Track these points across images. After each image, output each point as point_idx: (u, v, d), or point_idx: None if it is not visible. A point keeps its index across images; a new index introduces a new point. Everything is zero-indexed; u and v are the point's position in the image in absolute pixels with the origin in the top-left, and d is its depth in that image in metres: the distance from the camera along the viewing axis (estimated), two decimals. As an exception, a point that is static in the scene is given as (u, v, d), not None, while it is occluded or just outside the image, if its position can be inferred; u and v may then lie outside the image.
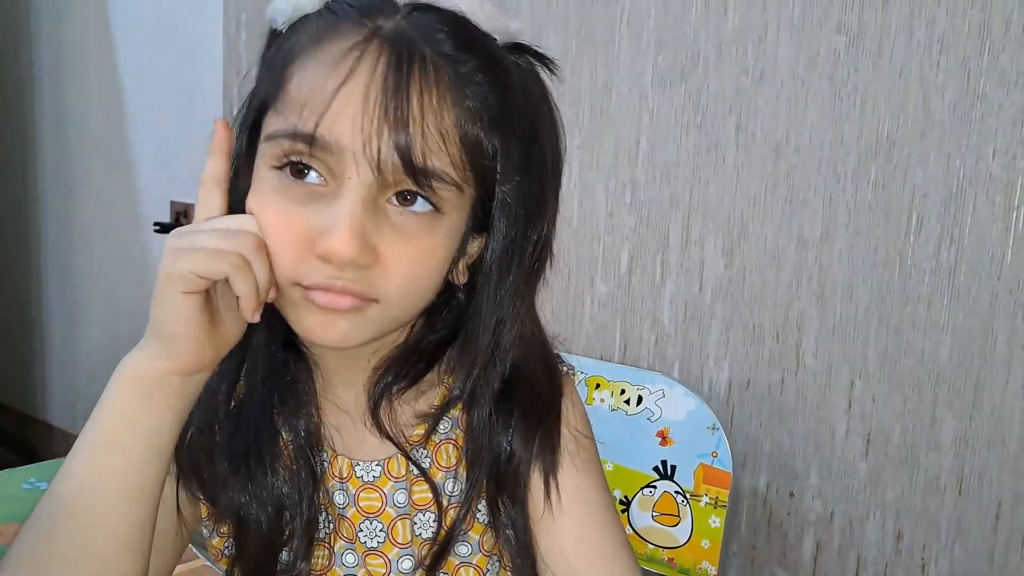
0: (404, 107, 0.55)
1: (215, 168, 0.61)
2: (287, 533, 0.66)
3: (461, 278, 0.66)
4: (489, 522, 0.70)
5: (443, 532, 0.69)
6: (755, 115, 1.24)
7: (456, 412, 0.71)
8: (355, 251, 0.56)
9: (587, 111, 1.42)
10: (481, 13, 0.60)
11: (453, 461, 0.70)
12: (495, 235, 0.63)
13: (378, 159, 0.56)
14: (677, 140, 1.32)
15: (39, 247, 2.80)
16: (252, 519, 0.65)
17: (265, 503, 0.65)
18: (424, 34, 0.58)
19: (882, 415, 1.18)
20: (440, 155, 0.57)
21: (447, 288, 0.67)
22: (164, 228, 2.16)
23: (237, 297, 0.58)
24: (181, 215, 2.29)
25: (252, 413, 0.66)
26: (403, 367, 0.68)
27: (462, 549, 0.70)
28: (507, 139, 0.61)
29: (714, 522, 1.20)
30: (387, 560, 0.69)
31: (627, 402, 1.28)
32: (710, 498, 1.20)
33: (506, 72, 0.61)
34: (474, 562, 0.70)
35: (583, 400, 1.26)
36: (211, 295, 0.58)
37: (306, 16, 0.60)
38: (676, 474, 1.23)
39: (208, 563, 0.76)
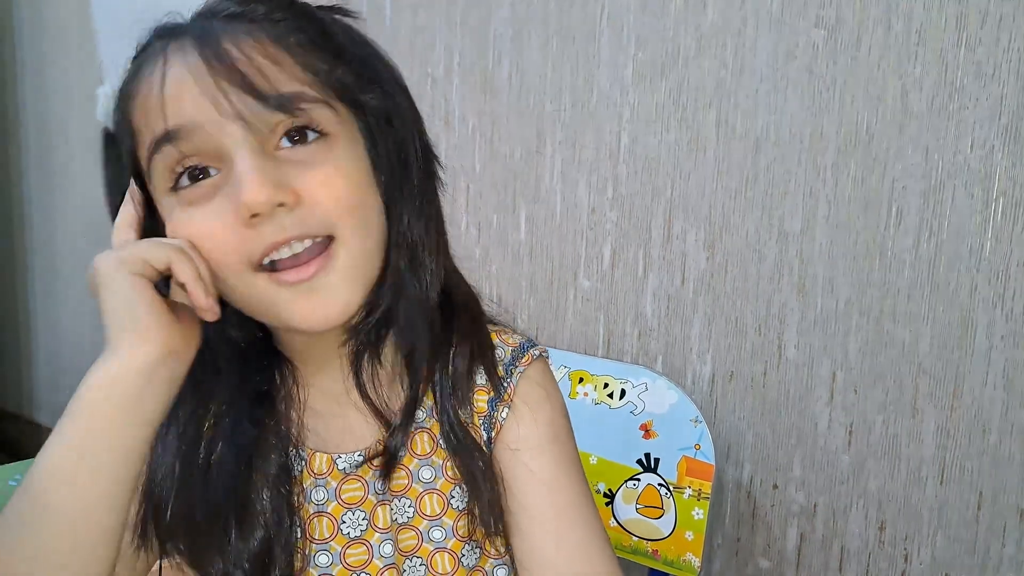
0: (226, 57, 0.58)
1: (123, 213, 0.64)
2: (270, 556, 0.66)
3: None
4: (463, 509, 0.71)
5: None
6: (735, 109, 1.24)
7: (430, 401, 0.72)
8: (269, 191, 0.57)
9: (568, 107, 1.42)
10: None
11: (428, 449, 0.72)
12: (380, 147, 0.65)
13: (235, 109, 0.57)
14: (658, 135, 1.33)
15: (23, 244, 2.78)
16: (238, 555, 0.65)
17: (244, 552, 0.65)
18: (211, 9, 0.62)
19: (864, 407, 1.19)
20: (288, 80, 0.60)
21: None
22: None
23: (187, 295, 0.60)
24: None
25: (227, 451, 0.66)
26: (373, 323, 0.68)
27: (436, 534, 0.71)
28: (342, 57, 0.64)
29: (698, 514, 1.20)
30: (369, 546, 0.70)
31: (610, 396, 1.28)
32: (693, 490, 1.21)
33: (297, 4, 0.64)
34: (448, 547, 0.71)
35: (566, 393, 1.26)
36: (161, 294, 0.60)
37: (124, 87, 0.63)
38: (659, 467, 1.23)
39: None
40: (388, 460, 0.69)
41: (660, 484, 1.23)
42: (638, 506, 1.24)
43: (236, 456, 0.65)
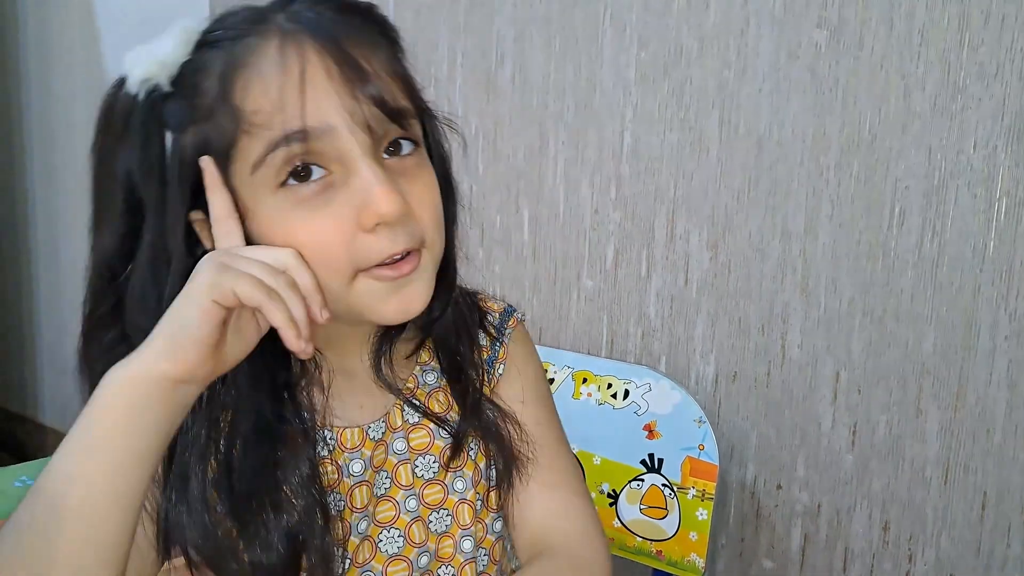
0: (359, 68, 0.61)
1: (223, 202, 0.62)
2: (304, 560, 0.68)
3: None
4: (476, 458, 0.78)
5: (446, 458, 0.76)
6: (738, 109, 1.24)
7: (436, 364, 0.79)
8: (400, 203, 0.60)
9: (571, 107, 1.42)
10: None
11: (444, 407, 0.77)
12: (436, 163, 0.70)
13: (367, 120, 0.60)
14: (661, 135, 1.33)
15: (27, 244, 2.79)
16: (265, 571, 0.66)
17: (273, 550, 0.65)
18: (313, 11, 0.63)
19: (867, 407, 1.19)
20: (399, 95, 0.64)
21: None
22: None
23: (267, 329, 0.61)
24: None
25: (250, 455, 0.66)
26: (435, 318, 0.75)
27: (458, 484, 0.77)
28: (408, 71, 0.68)
29: (701, 515, 1.20)
30: (395, 503, 0.74)
31: (614, 396, 1.28)
32: (697, 491, 1.21)
33: (381, 18, 0.68)
34: (468, 498, 0.77)
35: (570, 394, 1.27)
36: (226, 320, 0.59)
37: (193, 61, 0.62)
38: (663, 467, 1.23)
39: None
40: (455, 448, 0.76)
41: (664, 484, 1.23)
42: (642, 506, 1.24)
43: (259, 457, 0.66)
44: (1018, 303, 1.06)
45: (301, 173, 0.60)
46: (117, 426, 0.56)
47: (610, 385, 1.29)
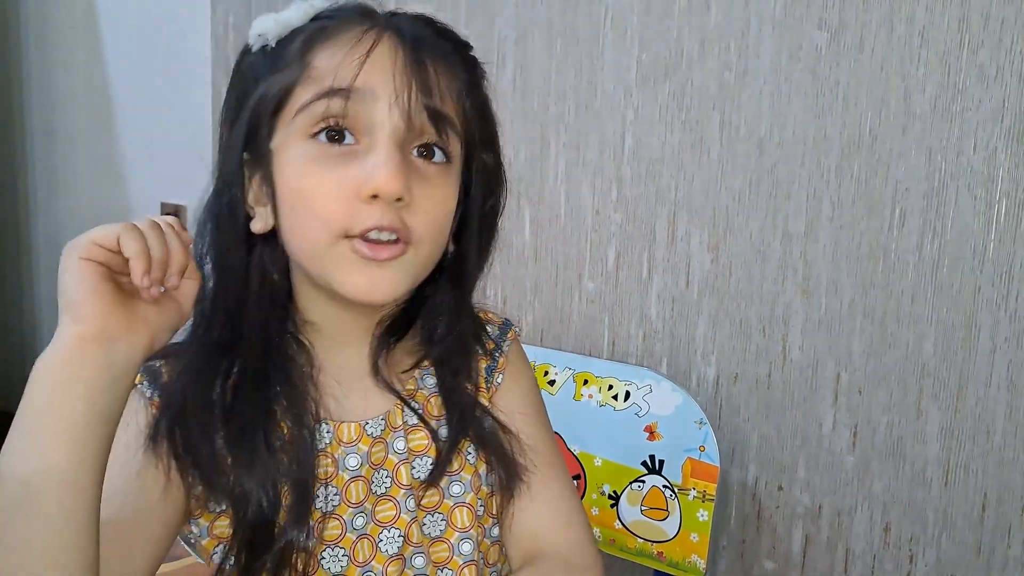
0: (424, 69, 0.67)
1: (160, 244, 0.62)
2: (284, 509, 0.69)
3: (450, 245, 0.76)
4: (476, 463, 0.79)
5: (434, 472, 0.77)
6: (739, 111, 1.25)
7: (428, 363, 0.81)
8: (400, 185, 0.65)
9: (572, 109, 1.43)
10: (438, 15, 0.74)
11: (444, 411, 0.79)
12: (475, 198, 0.75)
13: (408, 107, 0.66)
14: (662, 137, 1.33)
15: (29, 247, 2.79)
16: (251, 501, 0.68)
17: (263, 483, 0.68)
18: (413, 24, 0.70)
19: (868, 408, 1.19)
20: (451, 107, 0.70)
21: None
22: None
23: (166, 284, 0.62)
24: (173, 216, 2.28)
25: (248, 397, 0.70)
26: (397, 323, 0.78)
27: (455, 488, 0.78)
28: (480, 112, 0.74)
29: (703, 516, 1.21)
30: (396, 502, 0.75)
31: (615, 398, 1.29)
32: (698, 492, 1.21)
33: (472, 58, 0.74)
34: (467, 501, 0.77)
35: (571, 395, 1.27)
36: (120, 282, 0.60)
37: (299, 28, 0.69)
38: (664, 468, 1.23)
39: (200, 560, 0.77)
40: (437, 468, 0.77)
41: (665, 486, 1.23)
42: (643, 508, 1.25)
43: (261, 381, 0.70)
44: (1018, 304, 1.07)
45: (335, 136, 0.66)
46: (54, 399, 0.56)
47: (611, 387, 1.30)
